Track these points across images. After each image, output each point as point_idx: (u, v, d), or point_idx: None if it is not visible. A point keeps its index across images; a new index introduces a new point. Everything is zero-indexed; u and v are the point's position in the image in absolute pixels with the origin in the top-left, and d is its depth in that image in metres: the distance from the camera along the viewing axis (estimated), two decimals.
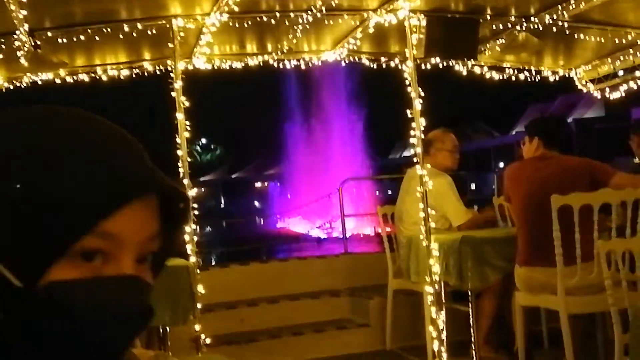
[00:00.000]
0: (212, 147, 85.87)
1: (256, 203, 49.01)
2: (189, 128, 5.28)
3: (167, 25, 5.32)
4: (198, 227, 5.21)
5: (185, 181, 5.20)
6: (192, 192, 5.22)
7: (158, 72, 6.27)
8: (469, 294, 5.24)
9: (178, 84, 5.29)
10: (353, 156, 32.96)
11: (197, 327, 5.04)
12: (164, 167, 0.89)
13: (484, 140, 52.55)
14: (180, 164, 5.27)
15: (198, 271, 5.16)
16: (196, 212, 5.20)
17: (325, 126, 34.54)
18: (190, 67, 6.29)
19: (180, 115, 5.24)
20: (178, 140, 5.26)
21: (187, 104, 5.27)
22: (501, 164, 49.07)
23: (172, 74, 5.40)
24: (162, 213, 0.86)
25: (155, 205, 0.84)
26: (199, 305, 5.04)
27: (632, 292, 3.54)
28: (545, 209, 4.22)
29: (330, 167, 30.49)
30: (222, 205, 54.64)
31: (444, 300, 5.32)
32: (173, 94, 5.29)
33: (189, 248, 5.16)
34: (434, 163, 5.59)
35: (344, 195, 8.64)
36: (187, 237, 5.15)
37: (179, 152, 5.26)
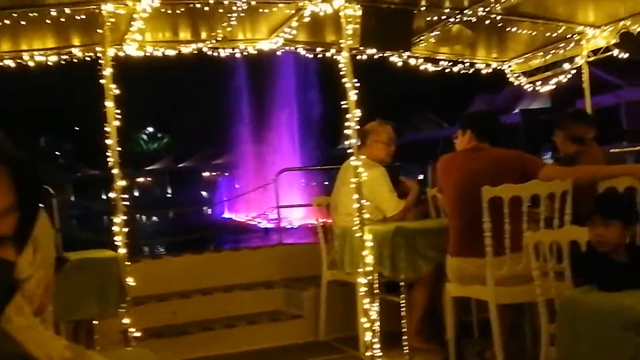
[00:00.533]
0: (159, 135, 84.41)
1: (204, 193, 48.47)
2: (119, 117, 5.13)
3: (97, 11, 5.16)
4: (127, 217, 5.06)
5: (115, 171, 5.06)
6: (121, 183, 5.07)
7: (88, 59, 6.08)
8: (401, 285, 5.28)
9: (107, 71, 5.14)
10: (302, 146, 32.87)
11: (126, 320, 4.93)
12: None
13: (433, 132, 53.17)
14: (109, 153, 5.12)
15: (128, 263, 5.03)
16: (126, 203, 5.07)
17: (274, 115, 34.33)
18: (121, 54, 6.13)
19: (109, 104, 5.09)
20: (107, 129, 5.11)
21: (117, 91, 5.12)
22: None
23: (101, 61, 5.23)
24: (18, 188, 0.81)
25: (5, 181, 0.79)
26: (129, 298, 4.92)
27: (559, 283, 3.59)
28: (476, 200, 4.26)
29: (278, 158, 30.36)
30: (169, 195, 53.63)
31: (377, 291, 5.34)
32: (102, 81, 5.13)
33: (118, 239, 5.03)
34: (368, 154, 5.59)
35: (283, 185, 8.59)
36: (116, 229, 5.03)
37: (109, 142, 5.11)
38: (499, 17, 6.20)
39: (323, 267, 5.95)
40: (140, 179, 69.67)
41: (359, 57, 6.52)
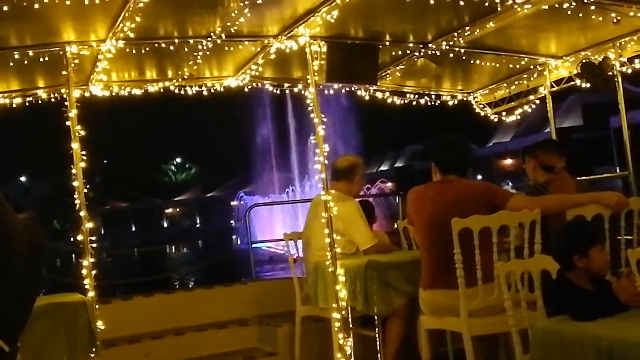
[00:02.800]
0: (187, 166, 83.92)
1: (232, 222, 48.21)
2: (84, 158, 5.08)
3: (61, 52, 5.14)
4: (94, 259, 4.99)
5: (82, 213, 5.00)
6: (89, 225, 5.01)
7: (53, 100, 6.04)
8: (375, 318, 5.26)
9: (72, 113, 5.11)
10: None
11: None
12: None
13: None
14: (76, 195, 5.06)
15: (97, 306, 4.95)
16: (94, 245, 5.00)
17: (300, 144, 34.21)
18: (87, 95, 6.11)
19: (75, 145, 5.05)
20: (74, 170, 5.05)
21: (82, 133, 5.08)
22: (479, 177, 49.62)
23: (67, 102, 5.20)
24: None
25: None
26: (98, 342, 4.83)
27: (531, 312, 3.59)
28: (447, 232, 4.27)
29: (304, 184, 30.32)
30: (198, 225, 52.91)
31: (351, 326, 5.31)
32: (68, 123, 5.09)
33: (86, 282, 4.95)
34: (355, 189, 5.76)
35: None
36: (84, 271, 4.95)
37: (75, 183, 5.05)
38: (462, 51, 6.31)
39: (297, 302, 5.91)
40: (169, 210, 69.08)
41: (326, 91, 6.59)
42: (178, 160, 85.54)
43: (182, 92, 6.63)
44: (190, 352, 6.26)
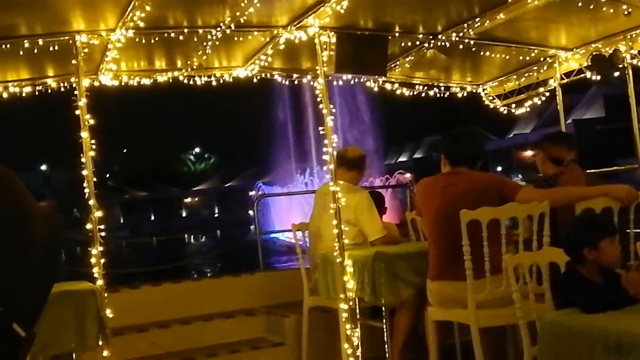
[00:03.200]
0: (206, 156, 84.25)
1: (250, 212, 48.17)
2: (94, 147, 5.09)
3: (70, 42, 5.14)
4: (103, 248, 5.01)
5: (91, 202, 5.01)
6: (98, 214, 5.02)
7: (62, 89, 6.05)
8: (383, 309, 5.27)
9: (82, 102, 5.10)
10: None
11: (106, 353, 4.86)
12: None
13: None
14: (85, 184, 5.08)
15: (105, 294, 4.97)
16: (103, 234, 5.01)
17: (316, 135, 34.06)
18: (96, 84, 6.12)
19: (85, 134, 5.05)
20: (83, 159, 5.07)
21: (92, 122, 5.09)
22: (499, 168, 48.97)
23: (76, 92, 5.20)
24: None
25: None
26: (107, 330, 4.85)
27: (539, 305, 3.59)
28: (455, 223, 4.27)
29: (323, 174, 30.23)
30: (216, 215, 53.01)
31: (358, 317, 5.32)
32: (77, 112, 5.10)
33: (95, 270, 4.98)
34: (361, 178, 5.87)
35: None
36: (93, 260, 4.97)
37: (84, 172, 5.06)
38: (472, 42, 6.28)
39: (304, 293, 5.92)
40: (188, 200, 69.37)
41: (335, 82, 6.58)
42: (197, 150, 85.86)
43: (192, 82, 6.62)
44: (197, 341, 6.29)
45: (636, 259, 3.79)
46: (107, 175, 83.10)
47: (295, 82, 7.04)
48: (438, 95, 7.93)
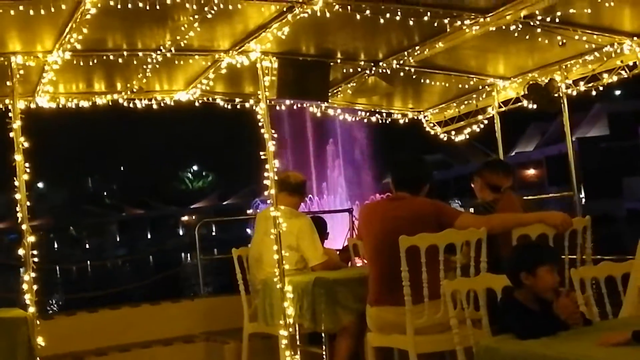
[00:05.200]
0: (204, 173, 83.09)
1: (248, 230, 47.21)
2: (28, 170, 4.97)
3: (6, 63, 5.03)
4: (35, 274, 4.87)
5: (24, 226, 4.87)
6: (31, 238, 4.87)
7: None
8: (323, 335, 5.24)
9: (16, 124, 4.99)
10: (348, 183, 32.17)
11: None
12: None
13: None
14: (18, 209, 4.94)
15: (38, 322, 4.82)
16: (35, 259, 4.87)
17: (316, 153, 33.59)
18: (32, 106, 5.99)
19: (18, 157, 4.93)
20: (16, 183, 4.93)
21: (26, 144, 4.97)
22: None
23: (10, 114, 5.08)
24: None
25: None
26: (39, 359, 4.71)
27: (476, 330, 3.62)
28: (395, 249, 4.28)
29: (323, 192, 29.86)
30: (214, 233, 51.91)
31: (298, 343, 5.29)
32: (11, 134, 4.97)
33: (27, 297, 4.83)
34: (300, 204, 5.83)
35: None
36: (25, 286, 4.83)
37: (17, 196, 4.93)
38: (413, 70, 6.38)
39: (244, 319, 5.85)
40: (185, 218, 68.25)
41: (277, 107, 6.58)
42: (195, 167, 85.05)
43: (132, 105, 6.55)
44: None
45: (571, 285, 3.86)
46: (105, 194, 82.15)
47: (238, 107, 7.02)
48: (380, 121, 8.01)
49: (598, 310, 3.58)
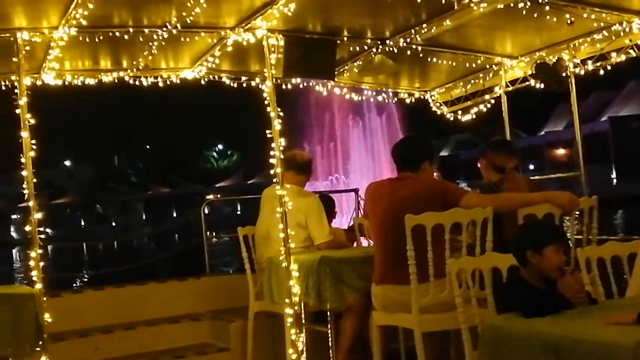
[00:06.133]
0: (229, 152, 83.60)
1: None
2: (34, 147, 4.96)
3: (12, 39, 5.01)
4: (42, 251, 4.88)
5: (31, 203, 4.87)
6: (37, 215, 4.88)
7: (4, 88, 5.89)
8: (328, 314, 5.26)
9: (22, 101, 4.98)
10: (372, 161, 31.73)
11: (44, 359, 4.73)
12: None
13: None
14: (25, 185, 4.94)
15: (45, 298, 4.85)
16: (42, 236, 4.89)
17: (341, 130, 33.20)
18: (38, 83, 5.98)
19: (25, 134, 4.93)
20: (23, 159, 4.93)
21: (32, 121, 4.96)
22: (531, 167, 47.69)
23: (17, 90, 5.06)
24: None
25: None
26: (45, 336, 4.73)
27: (481, 309, 3.62)
28: (400, 228, 4.28)
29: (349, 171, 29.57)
30: (239, 212, 52.05)
31: (304, 322, 5.30)
32: (17, 110, 4.97)
33: (34, 274, 4.84)
34: (306, 182, 5.80)
35: None
36: (32, 263, 4.84)
37: (24, 173, 4.93)
38: (420, 48, 6.32)
39: (250, 298, 5.87)
40: (210, 197, 68.69)
41: (284, 86, 6.55)
42: (220, 146, 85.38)
43: (137, 82, 6.53)
44: (142, 346, 6.19)
45: (576, 265, 3.86)
46: (131, 172, 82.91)
47: (244, 85, 6.99)
48: (386, 101, 7.98)
49: (603, 290, 3.58)
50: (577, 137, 7.05)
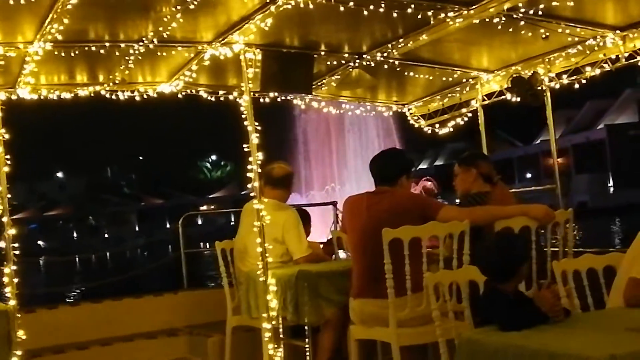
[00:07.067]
0: (223, 163, 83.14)
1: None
2: (9, 162, 4.91)
3: None
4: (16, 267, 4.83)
5: (4, 219, 4.82)
6: (12, 231, 4.83)
7: None
8: (306, 329, 5.24)
9: None
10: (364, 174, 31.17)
11: None
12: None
13: (507, 151, 49.24)
14: None
15: (19, 315, 4.79)
16: (16, 252, 4.83)
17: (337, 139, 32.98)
18: (14, 97, 5.93)
19: None
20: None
21: (7, 136, 4.91)
22: (528, 175, 47.19)
23: None
24: None
25: None
26: (19, 353, 4.67)
27: (458, 323, 3.63)
28: (377, 242, 4.28)
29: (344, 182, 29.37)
30: (232, 223, 51.55)
31: (281, 336, 5.28)
32: None
33: (7, 290, 4.79)
34: (287, 197, 5.76)
35: None
36: (5, 279, 4.79)
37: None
38: (397, 62, 6.37)
39: (228, 312, 5.83)
40: (203, 208, 68.21)
41: (262, 99, 6.56)
42: (213, 157, 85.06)
43: (114, 97, 6.50)
44: None
45: (552, 277, 3.88)
46: (124, 183, 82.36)
47: (222, 99, 6.99)
48: (364, 114, 8.01)
49: (580, 302, 3.60)
50: (552, 150, 7.12)
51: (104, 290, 11.96)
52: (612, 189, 42.14)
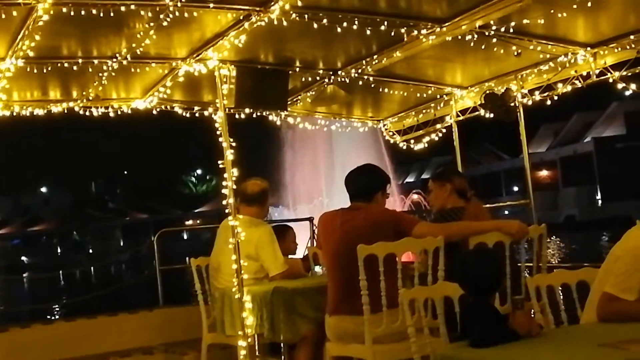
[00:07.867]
0: (208, 177, 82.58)
1: None
2: None
3: None
4: None
5: None
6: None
7: None
8: (282, 346, 5.22)
9: None
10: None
11: None
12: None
13: (494, 164, 49.45)
14: None
15: None
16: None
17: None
18: None
19: None
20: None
21: None
22: (515, 188, 46.35)
23: None
24: None
25: None
26: None
27: (434, 339, 3.62)
28: (352, 258, 4.27)
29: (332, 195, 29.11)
30: None
31: (257, 354, 5.25)
32: None
33: None
34: (262, 213, 5.73)
35: None
36: None
37: None
38: (371, 79, 6.40)
39: (203, 330, 5.79)
40: (189, 222, 67.34)
41: (237, 116, 6.55)
42: (199, 171, 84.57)
43: (88, 113, 6.46)
44: None
45: (526, 292, 3.89)
46: (108, 198, 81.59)
47: (197, 115, 6.97)
48: (340, 130, 8.03)
49: (553, 317, 3.62)
50: (526, 166, 7.17)
51: (85, 306, 11.81)
52: (600, 201, 42.41)
